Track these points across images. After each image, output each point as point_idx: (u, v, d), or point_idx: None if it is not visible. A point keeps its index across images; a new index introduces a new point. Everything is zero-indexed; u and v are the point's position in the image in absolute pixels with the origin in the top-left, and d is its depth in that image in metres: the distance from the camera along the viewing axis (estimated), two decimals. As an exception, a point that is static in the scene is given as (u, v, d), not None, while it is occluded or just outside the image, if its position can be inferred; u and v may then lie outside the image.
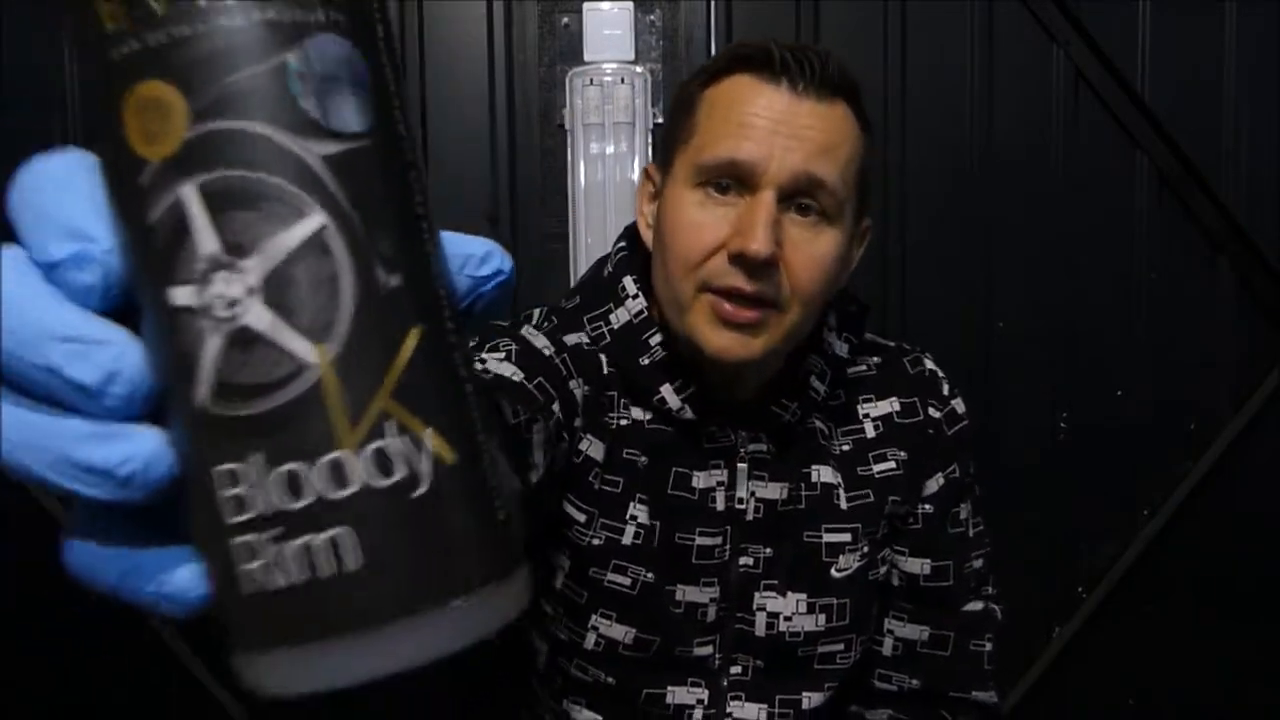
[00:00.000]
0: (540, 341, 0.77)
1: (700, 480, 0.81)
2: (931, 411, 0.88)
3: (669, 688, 0.83)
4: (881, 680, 0.91)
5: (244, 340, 0.24)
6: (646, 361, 0.80)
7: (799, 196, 0.73)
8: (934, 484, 0.88)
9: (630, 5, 1.48)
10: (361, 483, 0.24)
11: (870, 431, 0.87)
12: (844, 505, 0.84)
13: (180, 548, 0.26)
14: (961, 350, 1.52)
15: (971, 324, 1.54)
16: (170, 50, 0.24)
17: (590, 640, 0.82)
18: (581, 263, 1.46)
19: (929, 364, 0.92)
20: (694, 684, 0.84)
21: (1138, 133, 1.50)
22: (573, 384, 0.77)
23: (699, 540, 0.81)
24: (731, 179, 0.73)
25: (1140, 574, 1.56)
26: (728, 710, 0.84)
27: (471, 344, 0.39)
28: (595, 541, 0.80)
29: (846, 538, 0.84)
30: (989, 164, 1.52)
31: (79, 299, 0.24)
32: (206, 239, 0.24)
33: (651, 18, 1.49)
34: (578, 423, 0.77)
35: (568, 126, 1.48)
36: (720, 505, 0.82)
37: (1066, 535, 1.56)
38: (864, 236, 0.84)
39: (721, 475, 0.82)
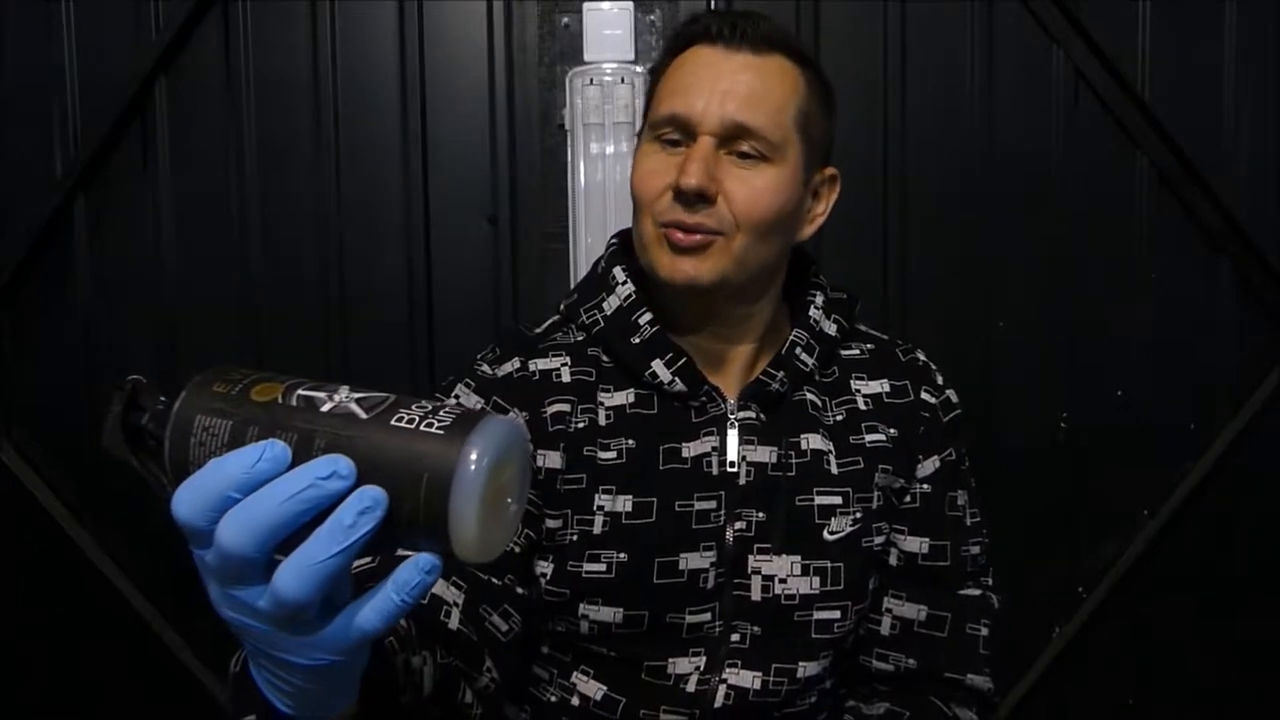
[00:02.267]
0: (472, 400, 0.86)
1: (692, 449, 0.86)
2: (925, 396, 0.94)
3: (670, 659, 0.86)
4: (879, 660, 0.93)
5: None
6: (638, 340, 0.87)
7: (734, 141, 0.82)
8: (930, 465, 0.93)
9: (630, 5, 1.48)
10: None
11: (862, 405, 0.92)
12: (834, 470, 0.88)
13: None
14: (961, 350, 1.52)
15: (971, 324, 1.54)
16: None
17: (584, 627, 0.85)
18: (581, 263, 1.47)
19: (922, 356, 0.97)
20: (694, 654, 0.86)
21: (1138, 133, 1.50)
22: (510, 416, 0.84)
23: (697, 505, 0.85)
24: (676, 130, 0.83)
25: (1140, 574, 1.56)
26: (723, 676, 0.86)
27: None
28: (572, 538, 0.85)
29: (838, 500, 0.88)
30: (989, 164, 1.52)
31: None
32: None
33: (651, 18, 1.49)
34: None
35: (568, 126, 1.48)
36: (714, 470, 0.86)
37: (1066, 535, 1.56)
38: (832, 184, 0.91)
39: (715, 441, 0.86)
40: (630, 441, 0.85)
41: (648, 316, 0.87)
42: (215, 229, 1.52)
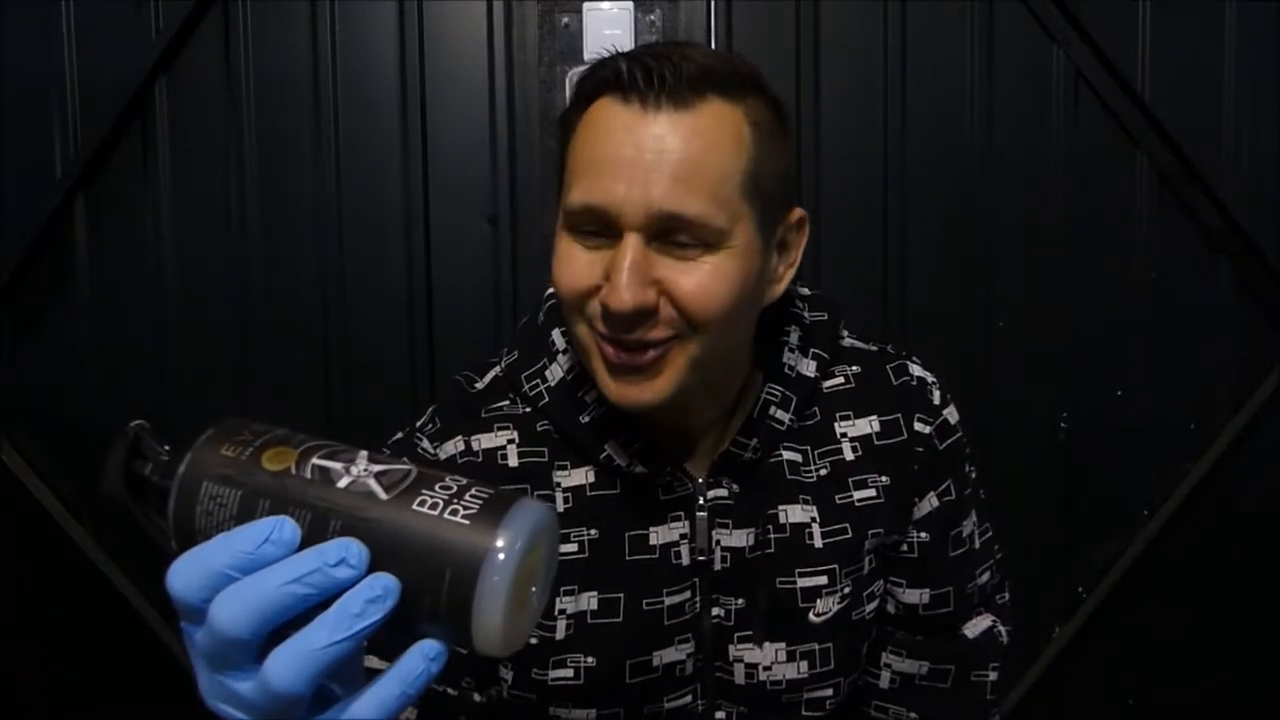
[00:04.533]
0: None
1: (659, 536, 0.77)
2: (919, 426, 0.81)
3: None
4: (878, 711, 0.88)
5: None
6: (586, 419, 0.76)
7: (668, 234, 0.66)
8: (926, 505, 0.83)
9: (630, 5, 1.48)
10: None
11: (849, 454, 0.80)
12: (818, 544, 0.78)
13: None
14: (961, 350, 1.52)
15: (971, 324, 1.54)
16: None
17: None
18: (581, 263, 1.46)
19: (915, 370, 0.84)
20: None
21: (1138, 133, 1.50)
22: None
23: (668, 600, 0.77)
24: (596, 224, 0.67)
25: (1140, 574, 1.56)
26: None
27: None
28: (532, 641, 0.76)
29: (823, 580, 0.78)
30: (989, 164, 1.52)
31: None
32: None
33: (651, 18, 1.49)
34: None
35: (568, 126, 1.47)
36: (685, 560, 0.77)
37: (1066, 535, 1.56)
38: (800, 228, 0.76)
39: (683, 527, 0.77)
40: (592, 531, 0.76)
41: (594, 394, 0.75)
42: (215, 229, 1.51)
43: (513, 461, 0.77)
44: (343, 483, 0.41)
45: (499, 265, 1.52)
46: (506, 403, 0.80)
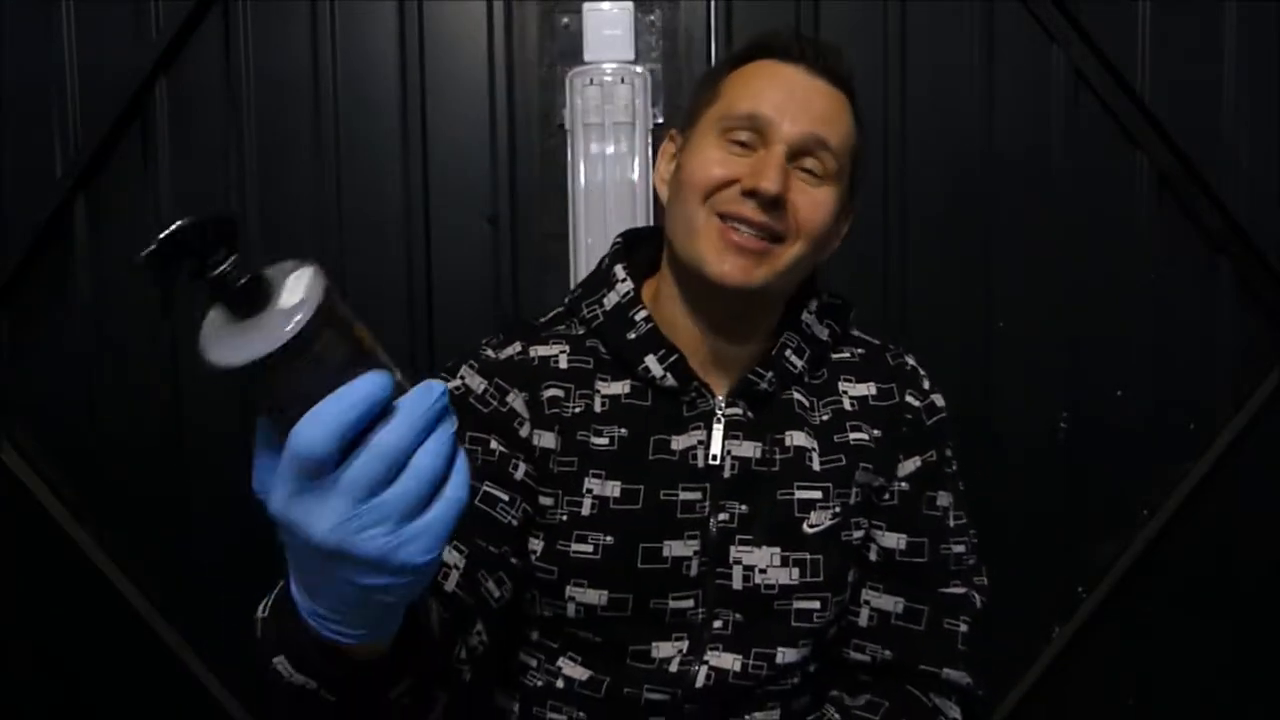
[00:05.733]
0: (475, 381, 0.88)
1: (679, 442, 0.89)
2: (910, 399, 0.95)
3: (654, 643, 0.88)
4: (856, 650, 0.95)
5: None
6: (633, 336, 0.90)
7: (804, 156, 0.85)
8: (910, 465, 0.95)
9: (630, 5, 1.48)
10: None
11: (848, 405, 0.94)
12: (816, 466, 0.91)
13: None
14: (961, 350, 1.52)
15: (971, 324, 1.54)
16: None
17: (570, 609, 0.88)
18: (581, 263, 1.47)
19: (911, 360, 0.99)
20: (677, 638, 0.89)
21: (1138, 133, 1.50)
22: (510, 396, 0.88)
23: (681, 495, 0.88)
24: (750, 131, 0.85)
25: (1140, 574, 1.56)
26: (705, 658, 0.89)
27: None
28: (562, 517, 0.88)
29: (818, 495, 0.90)
30: (989, 164, 1.52)
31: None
32: None
33: (651, 18, 1.49)
34: (525, 430, 0.88)
35: (568, 126, 1.48)
36: (700, 463, 0.88)
37: (1066, 535, 1.56)
38: (849, 217, 0.94)
39: (701, 435, 0.89)
40: (623, 430, 0.88)
41: (643, 313, 0.90)
42: (215, 229, 1.51)
43: (563, 364, 0.91)
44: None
45: (499, 265, 1.52)
46: (563, 327, 0.94)
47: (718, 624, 0.89)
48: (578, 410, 0.89)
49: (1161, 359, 1.54)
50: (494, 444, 0.86)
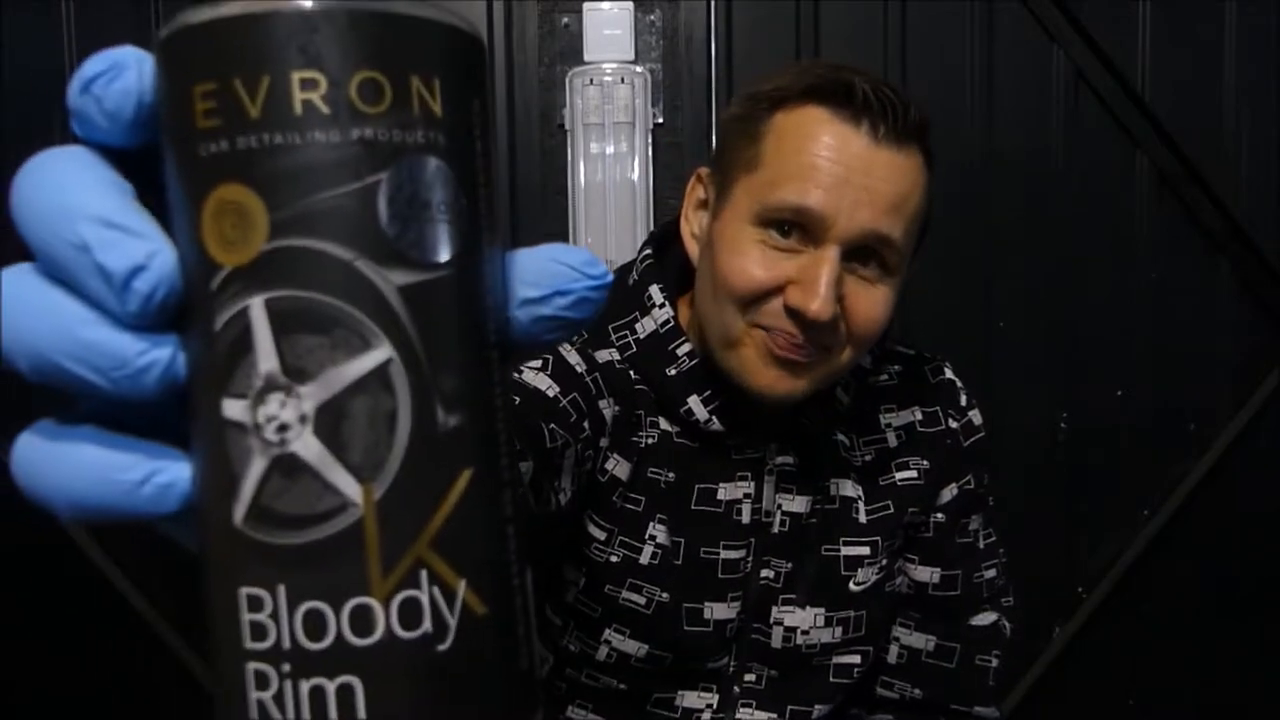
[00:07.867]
0: (574, 358, 0.76)
1: (725, 493, 0.80)
2: (950, 422, 0.88)
3: (679, 691, 0.83)
4: (884, 687, 0.90)
5: (289, 468, 0.23)
6: (674, 372, 0.78)
7: (862, 254, 0.71)
8: (948, 493, 0.88)
9: (630, 5, 1.48)
10: (384, 632, 0.23)
11: (892, 440, 0.85)
12: (863, 519, 0.83)
13: (170, 447, 0.24)
14: (961, 350, 1.52)
15: (971, 324, 1.54)
16: (259, 156, 0.23)
17: (602, 653, 0.81)
18: (581, 263, 1.46)
19: (948, 373, 0.90)
20: (705, 689, 0.83)
21: (1138, 133, 1.50)
22: (603, 403, 0.76)
23: (724, 554, 0.80)
24: (796, 225, 0.70)
25: (1140, 574, 1.56)
26: (737, 716, 0.84)
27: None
28: (613, 559, 0.78)
29: (865, 551, 0.83)
30: (989, 164, 1.52)
31: (140, 306, 0.23)
32: (266, 356, 0.23)
33: (651, 18, 1.49)
34: (604, 442, 0.77)
35: (568, 126, 1.48)
36: (746, 518, 0.80)
37: (1066, 535, 1.56)
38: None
39: (748, 487, 0.80)
40: (670, 475, 0.79)
41: (687, 347, 0.78)
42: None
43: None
44: None
45: (499, 265, 1.52)
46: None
47: (749, 677, 0.83)
48: (652, 441, 0.78)
49: (1161, 359, 1.54)
50: (573, 397, 0.73)
